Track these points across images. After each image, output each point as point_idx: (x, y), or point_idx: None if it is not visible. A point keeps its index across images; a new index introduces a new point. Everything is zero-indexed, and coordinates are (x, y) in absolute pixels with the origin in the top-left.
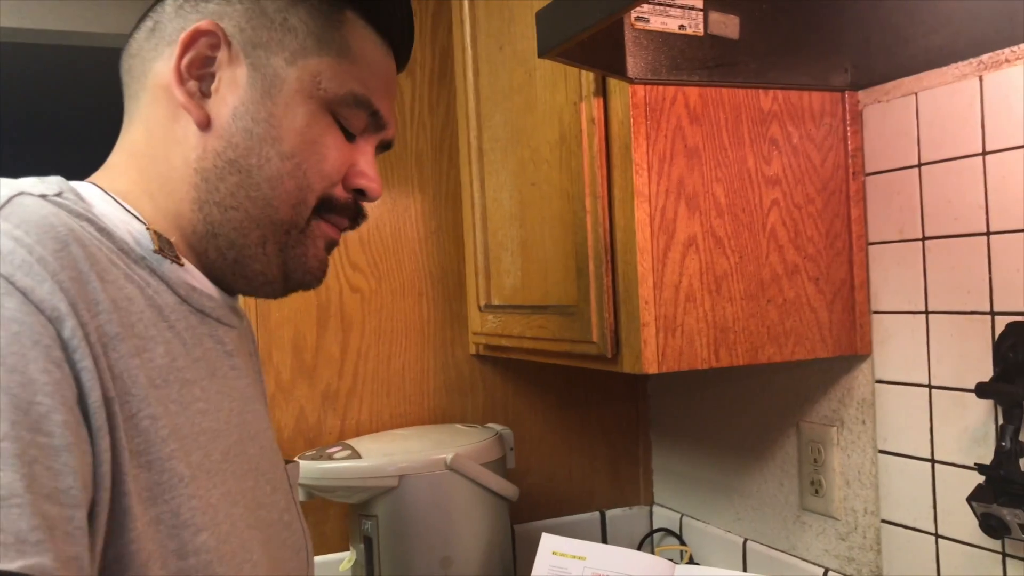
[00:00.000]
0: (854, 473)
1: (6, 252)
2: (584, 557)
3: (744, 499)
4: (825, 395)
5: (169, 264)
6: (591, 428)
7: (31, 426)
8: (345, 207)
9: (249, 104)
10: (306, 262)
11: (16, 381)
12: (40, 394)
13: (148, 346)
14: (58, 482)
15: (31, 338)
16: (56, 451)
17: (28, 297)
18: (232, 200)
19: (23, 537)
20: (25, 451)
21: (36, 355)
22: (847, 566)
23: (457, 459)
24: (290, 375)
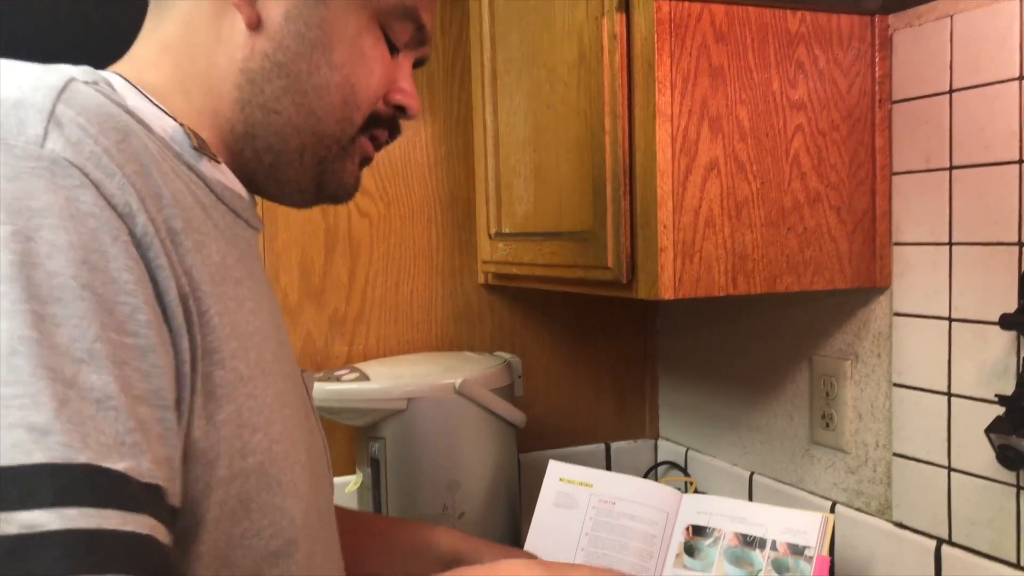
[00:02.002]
0: (867, 407)
1: (75, 141)
2: (591, 484)
3: (752, 433)
4: (840, 328)
5: (206, 162)
6: (598, 361)
7: (118, 327)
8: (385, 121)
9: (303, 8)
10: (342, 177)
11: (100, 280)
12: (123, 293)
13: (205, 242)
14: (149, 383)
15: (110, 234)
16: (144, 352)
17: (100, 191)
18: (276, 104)
19: (121, 439)
20: (116, 353)
21: (116, 252)
22: (855, 499)
23: (466, 384)
24: (297, 298)
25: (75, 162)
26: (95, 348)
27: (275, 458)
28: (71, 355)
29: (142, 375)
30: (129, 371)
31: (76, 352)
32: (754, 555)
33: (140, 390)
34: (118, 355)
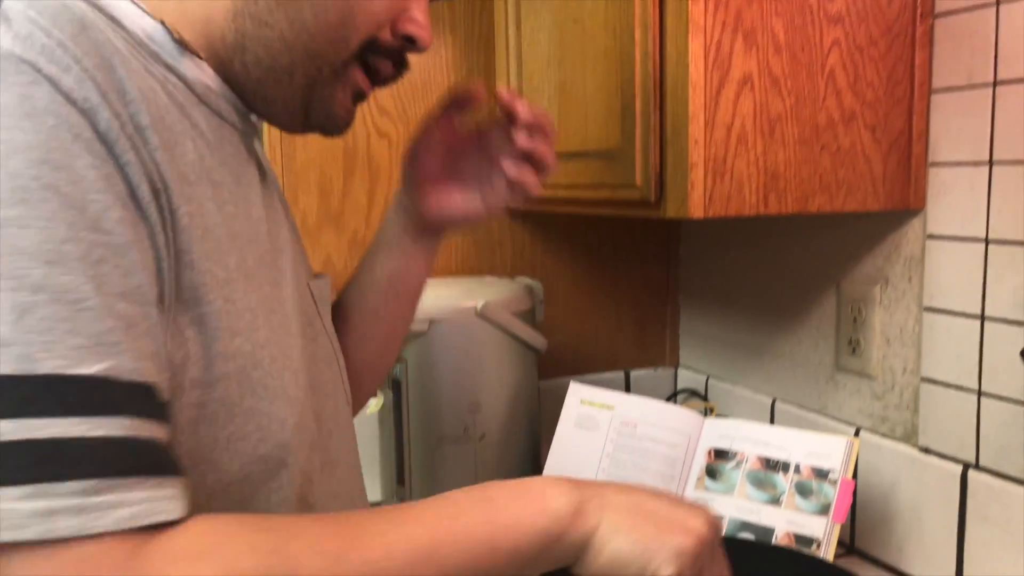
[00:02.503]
0: (895, 332)
1: (24, 35)
2: (612, 407)
3: (775, 360)
4: (870, 253)
5: (187, 61)
6: (620, 289)
7: (90, 225)
8: (390, 53)
9: None
10: (332, 106)
11: (65, 179)
12: (92, 191)
13: (178, 140)
14: (129, 280)
15: (71, 132)
16: (120, 249)
17: (57, 86)
18: (269, 16)
19: (99, 339)
20: (89, 252)
21: (80, 150)
22: (880, 425)
23: (488, 307)
24: (316, 220)
25: (26, 57)
26: (65, 249)
27: (259, 363)
28: (40, 257)
29: (121, 272)
30: (106, 269)
31: (45, 254)
32: (777, 478)
33: (120, 287)
34: (92, 254)
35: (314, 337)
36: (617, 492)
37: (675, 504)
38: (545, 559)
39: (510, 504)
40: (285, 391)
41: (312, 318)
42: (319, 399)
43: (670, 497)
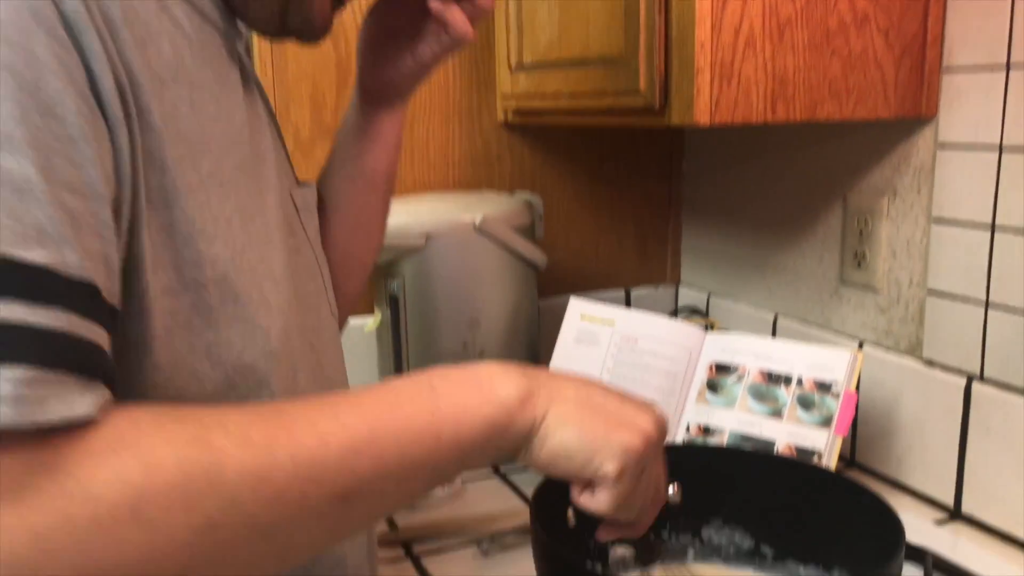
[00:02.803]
0: (902, 244)
1: None
2: (613, 322)
3: (778, 275)
4: (878, 164)
5: None
6: (621, 205)
7: (42, 110)
8: None
9: None
10: (310, 11)
11: (21, 59)
12: (48, 75)
13: (154, 38)
14: (79, 173)
15: (30, 11)
16: (72, 140)
17: None
18: None
19: (42, 228)
20: (38, 137)
21: (41, 34)
22: (884, 339)
23: (486, 221)
24: (309, 134)
25: None
26: (14, 132)
27: (239, 270)
28: None
29: (70, 163)
30: (56, 158)
31: None
32: (779, 391)
33: (68, 178)
34: (41, 140)
35: (297, 248)
36: (568, 384)
37: (625, 401)
38: (490, 449)
39: (454, 392)
40: (267, 300)
41: (295, 228)
42: (303, 311)
43: (621, 393)
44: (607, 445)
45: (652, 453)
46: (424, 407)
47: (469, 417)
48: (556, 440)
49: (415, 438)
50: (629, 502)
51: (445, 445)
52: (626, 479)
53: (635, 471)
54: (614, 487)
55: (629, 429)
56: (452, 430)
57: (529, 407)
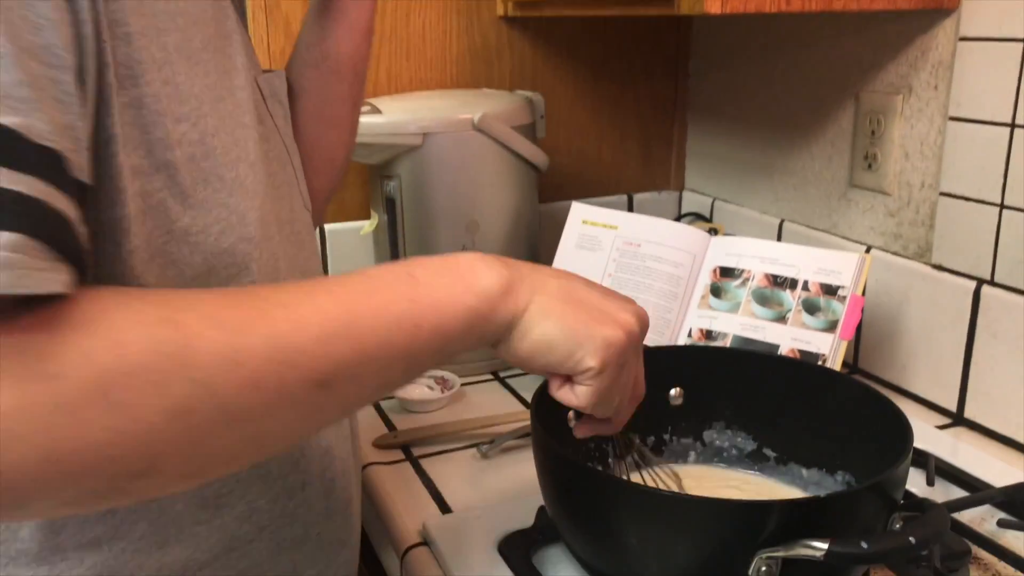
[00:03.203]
0: (915, 144)
1: None
2: (616, 226)
3: (785, 178)
4: (894, 59)
5: None
6: (625, 106)
7: None
8: None
9: None
10: None
11: None
12: None
13: None
14: (38, 37)
15: None
16: (30, 1)
17: None
18: None
19: (7, 92)
20: None
21: None
22: (893, 243)
23: (485, 119)
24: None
25: None
26: None
27: (210, 152)
28: None
29: (30, 26)
30: (14, 19)
31: None
32: (784, 295)
33: (28, 43)
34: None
35: (266, 136)
36: (551, 276)
37: (608, 295)
38: (470, 338)
39: (435, 280)
40: (242, 183)
41: (263, 115)
42: (277, 199)
43: (604, 288)
44: (590, 338)
45: (633, 349)
46: (403, 294)
47: (450, 306)
48: (538, 332)
49: (394, 325)
50: (607, 397)
51: (425, 333)
52: (607, 373)
53: (616, 366)
54: (594, 381)
55: (612, 323)
56: (433, 319)
57: (511, 298)
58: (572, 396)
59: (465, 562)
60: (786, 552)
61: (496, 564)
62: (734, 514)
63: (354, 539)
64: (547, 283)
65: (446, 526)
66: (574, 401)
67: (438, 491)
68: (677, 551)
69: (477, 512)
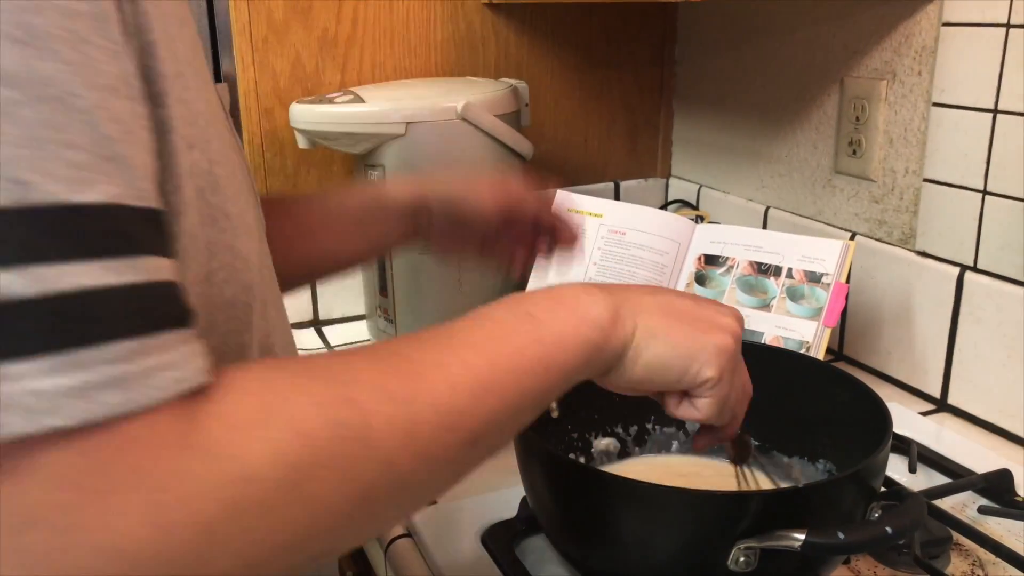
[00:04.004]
0: (900, 130)
1: None
2: (601, 215)
3: (771, 165)
4: (878, 45)
5: None
6: (611, 94)
7: None
8: None
9: None
10: None
11: None
12: None
13: None
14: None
15: None
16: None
17: None
18: None
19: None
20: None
21: None
22: (877, 229)
23: (469, 108)
24: (283, 16)
25: None
26: (34, 22)
27: (217, 184)
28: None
29: (108, 54)
30: (91, 51)
31: (10, 30)
32: (768, 283)
33: (109, 77)
34: (70, 27)
35: (237, 148)
36: (646, 294)
37: (702, 303)
38: (588, 370)
39: (552, 318)
40: (245, 220)
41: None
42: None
43: (695, 296)
44: (702, 350)
45: (738, 350)
46: (531, 337)
47: (571, 341)
48: (650, 354)
49: (529, 369)
50: (728, 404)
51: (554, 374)
52: (725, 381)
53: (731, 371)
54: (714, 391)
55: (717, 329)
56: (560, 357)
57: (620, 323)
58: (694, 411)
59: (449, 553)
60: (764, 543)
61: (480, 555)
62: (712, 505)
63: None
64: (645, 301)
65: (430, 517)
66: (698, 416)
67: None
68: (656, 542)
69: (461, 503)
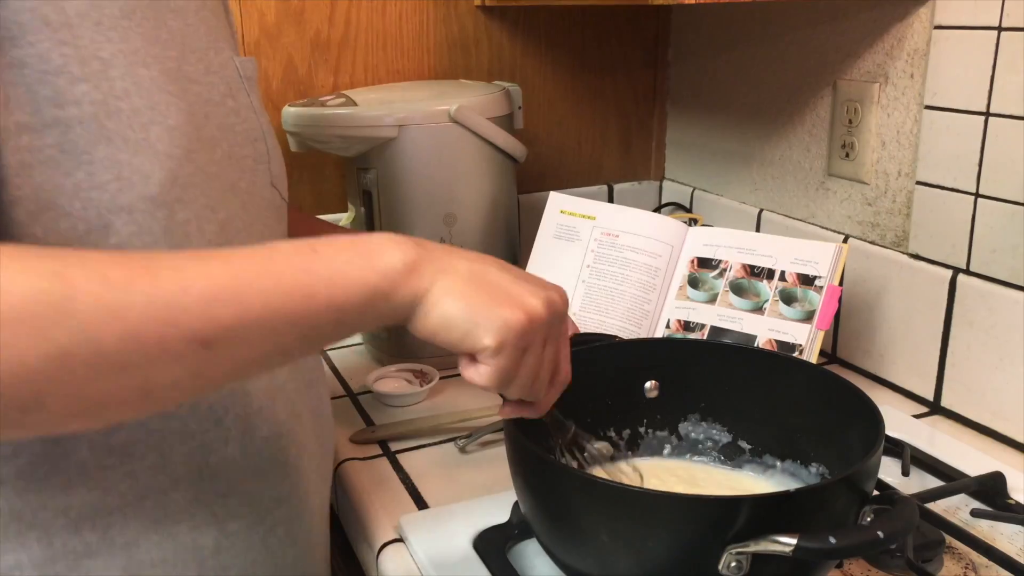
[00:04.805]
0: (892, 133)
1: None
2: (594, 217)
3: (764, 168)
4: (870, 48)
5: None
6: (604, 96)
7: None
8: None
9: None
10: None
11: None
12: None
13: None
14: None
15: None
16: None
17: None
18: None
19: None
20: None
21: None
22: (870, 232)
23: (461, 111)
24: (275, 18)
25: None
26: None
27: (114, 113)
28: None
29: None
30: None
31: None
32: (761, 286)
33: None
34: None
35: (236, 110)
36: (463, 259)
37: (522, 279)
38: (371, 313)
39: (336, 256)
40: (152, 145)
41: (236, 92)
42: (232, 171)
43: (521, 273)
44: (487, 319)
45: (539, 331)
46: (298, 265)
47: (346, 280)
48: (439, 311)
49: (284, 292)
50: (511, 377)
51: (318, 304)
52: (505, 354)
53: (516, 346)
54: (492, 360)
55: (514, 305)
56: (326, 290)
57: (414, 277)
58: (475, 375)
59: (440, 558)
60: (755, 547)
61: (471, 560)
62: (703, 509)
63: (296, 500)
64: (456, 264)
65: (422, 522)
66: (477, 379)
67: (415, 486)
68: (647, 547)
69: (453, 508)
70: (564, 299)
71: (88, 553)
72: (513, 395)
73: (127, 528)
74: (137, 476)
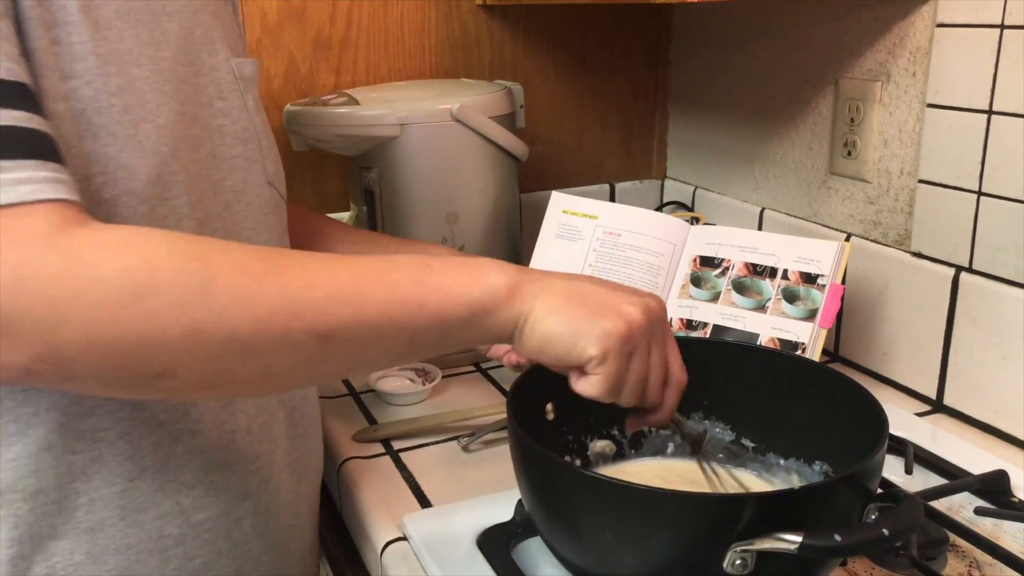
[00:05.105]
0: (894, 132)
1: None
2: (596, 216)
3: (766, 167)
4: (872, 47)
5: None
6: (606, 95)
7: None
8: None
9: None
10: None
11: None
12: None
13: None
14: None
15: None
16: None
17: None
18: None
19: None
20: None
21: None
22: (872, 231)
23: (463, 109)
24: (276, 17)
25: None
26: None
27: (104, 109)
28: None
29: None
30: None
31: None
32: (763, 284)
33: None
34: None
35: (226, 111)
36: (559, 278)
37: (616, 291)
38: (474, 328)
39: (447, 273)
40: (139, 142)
41: (227, 94)
42: (217, 170)
43: (615, 285)
44: (588, 331)
45: (641, 336)
46: (413, 277)
47: (455, 294)
48: (543, 328)
49: (398, 300)
50: (620, 384)
51: (427, 314)
52: (611, 361)
53: (619, 354)
54: (600, 369)
55: (613, 315)
56: (436, 302)
57: (517, 297)
58: (587, 386)
59: (444, 557)
60: (760, 545)
61: (475, 558)
62: (707, 507)
63: (265, 495)
64: (555, 285)
65: (425, 521)
66: (589, 390)
67: (418, 485)
68: (651, 545)
69: (457, 506)
70: (661, 304)
71: (53, 535)
72: (627, 402)
73: (92, 513)
74: (105, 462)
